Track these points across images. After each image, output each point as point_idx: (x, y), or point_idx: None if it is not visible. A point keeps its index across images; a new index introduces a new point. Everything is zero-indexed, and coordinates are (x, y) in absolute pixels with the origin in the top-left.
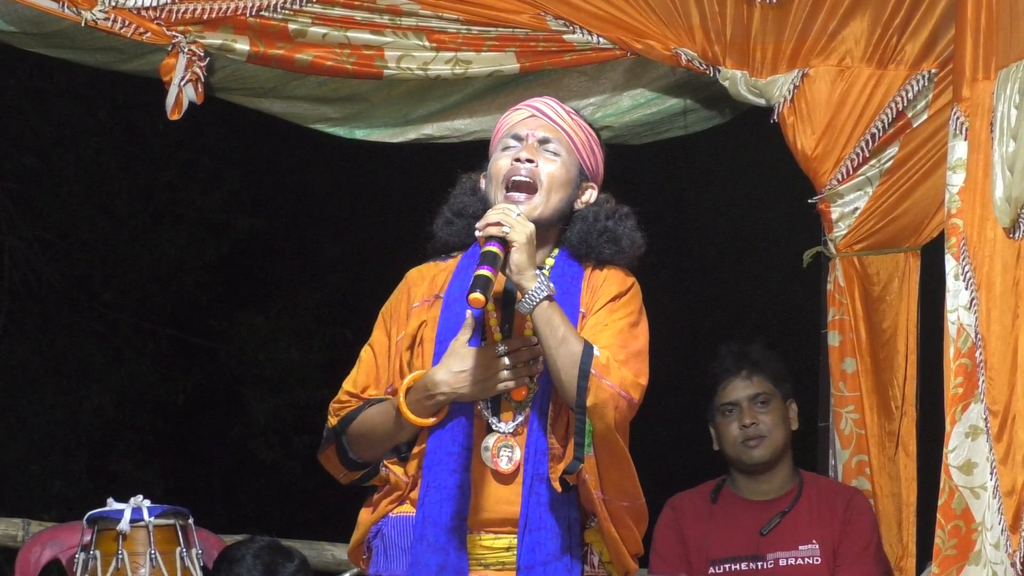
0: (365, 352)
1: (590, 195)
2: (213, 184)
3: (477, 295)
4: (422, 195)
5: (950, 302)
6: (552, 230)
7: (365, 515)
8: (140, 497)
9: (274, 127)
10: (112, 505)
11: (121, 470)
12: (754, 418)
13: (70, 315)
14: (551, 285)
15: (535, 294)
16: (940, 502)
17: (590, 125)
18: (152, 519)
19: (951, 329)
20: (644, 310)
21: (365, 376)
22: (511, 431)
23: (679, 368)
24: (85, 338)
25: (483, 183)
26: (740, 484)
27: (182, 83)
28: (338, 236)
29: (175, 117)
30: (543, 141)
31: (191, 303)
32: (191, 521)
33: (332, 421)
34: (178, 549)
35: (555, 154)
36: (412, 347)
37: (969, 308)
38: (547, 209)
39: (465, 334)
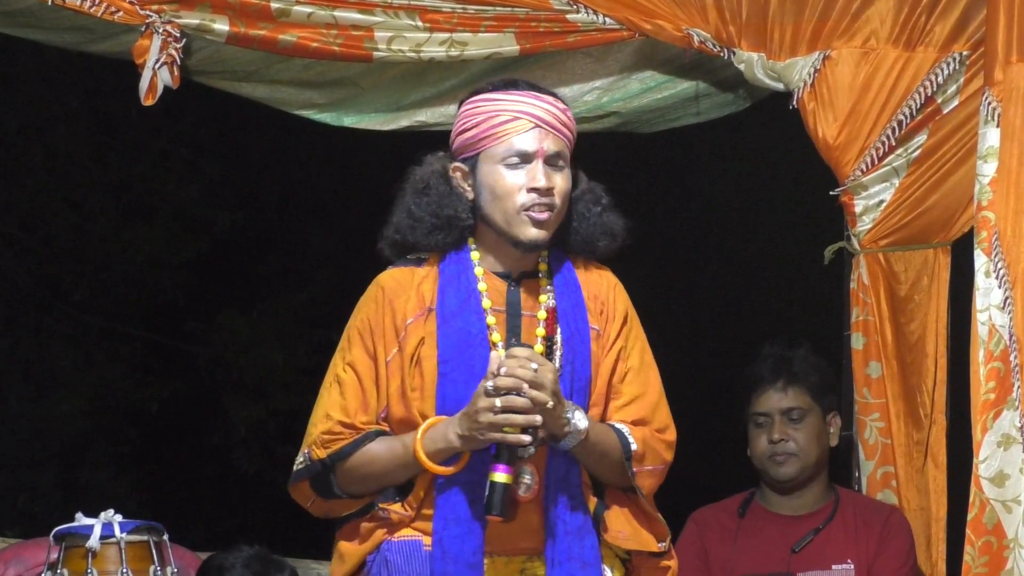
0: (346, 374)
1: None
2: (190, 176)
3: (495, 516)
4: None
5: (980, 301)
6: None
7: (351, 548)
8: (111, 512)
9: (256, 114)
10: (81, 520)
11: (91, 482)
12: (784, 434)
13: (37, 316)
14: (579, 415)
15: (572, 439)
16: (970, 516)
17: (563, 100)
18: (124, 535)
19: (981, 330)
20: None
21: (354, 401)
22: (527, 456)
23: (688, 374)
24: (53, 341)
25: (458, 178)
26: (770, 498)
27: (156, 66)
28: (325, 232)
29: (149, 103)
30: (552, 157)
31: (167, 304)
32: (166, 537)
33: (319, 453)
34: (152, 567)
35: (563, 167)
36: (411, 366)
37: (1003, 308)
38: (557, 222)
39: (490, 380)
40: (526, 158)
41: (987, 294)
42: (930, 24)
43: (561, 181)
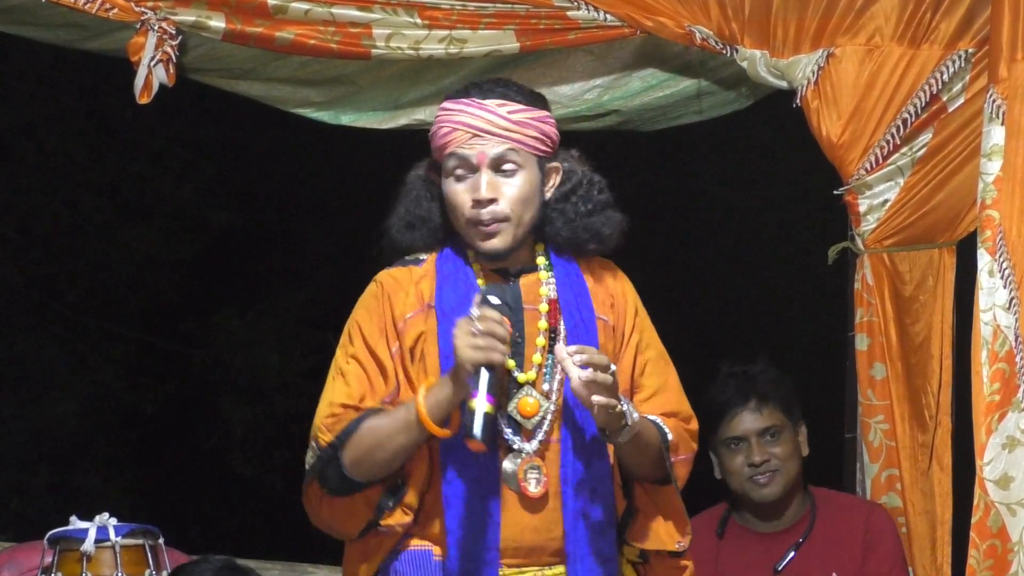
0: (348, 365)
1: (556, 178)
2: (186, 175)
3: (477, 443)
4: None
5: (984, 301)
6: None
7: (360, 567)
8: (106, 515)
9: (253, 112)
10: (75, 523)
11: (86, 485)
12: (764, 455)
13: (30, 317)
14: (630, 406)
15: (629, 432)
16: (974, 519)
17: (526, 97)
18: (119, 539)
19: (985, 331)
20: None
21: (358, 388)
22: (534, 450)
23: (690, 373)
24: (47, 342)
25: (436, 181)
26: (748, 517)
27: (152, 64)
28: (323, 231)
29: (144, 101)
30: (496, 162)
31: (163, 304)
32: (161, 541)
33: (327, 437)
34: (147, 571)
35: (514, 170)
36: (413, 361)
37: (1007, 308)
38: (521, 230)
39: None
40: (469, 168)
41: (991, 294)
42: (935, 21)
43: (512, 188)
